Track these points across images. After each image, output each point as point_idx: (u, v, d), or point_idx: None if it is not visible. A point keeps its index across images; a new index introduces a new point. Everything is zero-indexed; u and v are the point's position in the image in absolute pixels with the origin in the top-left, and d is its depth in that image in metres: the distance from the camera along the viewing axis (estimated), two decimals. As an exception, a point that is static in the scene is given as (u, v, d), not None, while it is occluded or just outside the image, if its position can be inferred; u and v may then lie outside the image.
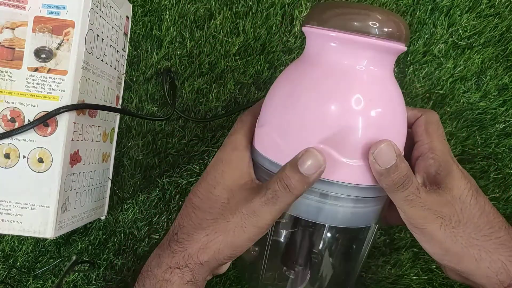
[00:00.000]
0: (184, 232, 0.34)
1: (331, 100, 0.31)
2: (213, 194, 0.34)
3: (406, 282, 0.47)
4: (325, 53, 0.32)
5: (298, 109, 0.32)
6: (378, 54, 0.32)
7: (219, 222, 0.33)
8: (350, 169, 0.31)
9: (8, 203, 0.36)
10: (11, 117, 0.36)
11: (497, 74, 0.50)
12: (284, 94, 0.33)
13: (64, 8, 0.37)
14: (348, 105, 0.31)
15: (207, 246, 0.33)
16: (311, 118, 0.31)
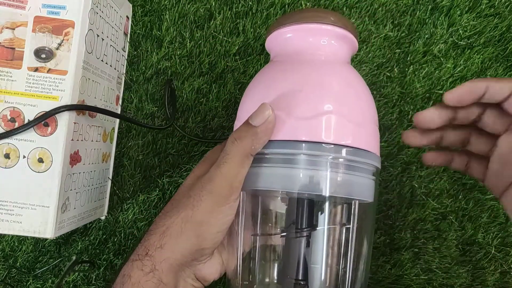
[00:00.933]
0: (153, 225, 0.34)
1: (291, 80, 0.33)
2: (183, 185, 0.35)
3: (406, 282, 0.47)
4: (282, 46, 0.36)
5: (259, 93, 0.34)
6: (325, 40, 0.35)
7: (181, 201, 0.33)
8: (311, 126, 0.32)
9: (8, 203, 0.36)
10: (11, 117, 0.36)
11: (497, 74, 0.50)
12: (250, 92, 0.36)
13: (64, 8, 0.37)
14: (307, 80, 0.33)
15: (169, 227, 0.32)
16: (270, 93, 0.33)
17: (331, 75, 0.34)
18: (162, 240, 0.32)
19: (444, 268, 0.47)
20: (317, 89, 0.33)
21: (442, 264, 0.47)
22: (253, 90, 0.36)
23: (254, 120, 0.31)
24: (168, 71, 0.49)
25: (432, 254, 0.47)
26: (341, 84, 0.34)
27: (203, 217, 0.32)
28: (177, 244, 0.32)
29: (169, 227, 0.32)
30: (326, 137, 0.31)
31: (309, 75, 0.33)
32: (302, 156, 0.31)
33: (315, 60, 0.35)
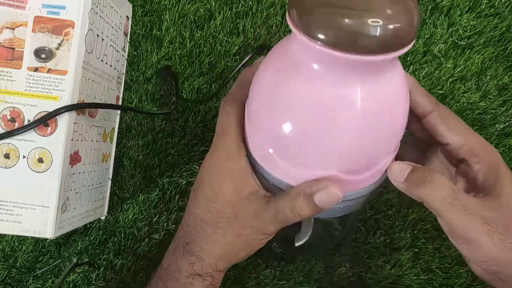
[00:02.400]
0: (196, 244, 0.34)
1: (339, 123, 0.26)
2: (215, 208, 0.33)
3: (406, 282, 0.47)
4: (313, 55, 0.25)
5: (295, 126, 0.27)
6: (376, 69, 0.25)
7: (229, 236, 0.33)
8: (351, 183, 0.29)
9: (8, 203, 0.36)
10: (11, 117, 0.36)
11: (497, 74, 0.50)
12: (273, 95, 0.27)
13: (64, 8, 0.37)
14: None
15: (224, 256, 0.34)
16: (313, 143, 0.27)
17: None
18: (219, 266, 0.34)
19: (444, 268, 0.47)
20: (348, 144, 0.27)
21: (442, 264, 0.47)
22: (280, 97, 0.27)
23: (323, 202, 0.29)
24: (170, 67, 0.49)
25: (432, 254, 0.47)
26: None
27: (255, 247, 0.34)
28: (230, 264, 0.35)
29: (222, 257, 0.34)
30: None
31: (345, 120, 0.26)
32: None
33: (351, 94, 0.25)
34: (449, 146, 0.32)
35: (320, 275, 0.47)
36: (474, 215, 0.29)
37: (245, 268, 0.47)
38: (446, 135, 0.32)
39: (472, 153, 0.31)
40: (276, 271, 0.47)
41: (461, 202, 0.29)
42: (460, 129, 0.32)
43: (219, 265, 0.34)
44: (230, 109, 0.33)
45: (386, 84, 0.26)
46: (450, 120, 0.32)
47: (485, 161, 0.31)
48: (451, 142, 0.32)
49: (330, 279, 0.47)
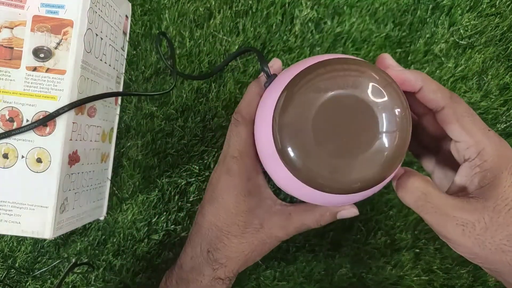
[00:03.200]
0: (221, 253, 0.37)
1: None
2: (242, 221, 0.37)
3: (407, 283, 0.47)
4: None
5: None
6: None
7: (254, 244, 0.37)
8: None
9: (7, 203, 0.36)
10: (10, 117, 0.36)
11: (498, 74, 0.50)
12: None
13: (63, 7, 0.36)
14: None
15: (246, 262, 0.38)
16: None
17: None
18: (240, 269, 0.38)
19: (445, 269, 0.47)
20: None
21: (443, 265, 0.47)
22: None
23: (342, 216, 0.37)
24: (168, 70, 0.49)
25: (433, 255, 0.47)
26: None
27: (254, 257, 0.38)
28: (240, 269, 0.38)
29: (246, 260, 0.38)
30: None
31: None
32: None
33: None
34: (459, 144, 0.32)
35: (320, 276, 0.47)
36: (447, 215, 0.30)
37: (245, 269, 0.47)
38: (457, 133, 0.31)
39: (477, 155, 0.31)
40: (276, 271, 0.47)
41: (432, 204, 0.30)
42: (473, 129, 0.31)
43: (240, 269, 0.38)
44: (242, 129, 0.35)
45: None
46: (465, 118, 0.31)
47: (486, 166, 0.31)
48: (461, 140, 0.32)
49: (331, 280, 0.47)
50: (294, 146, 0.28)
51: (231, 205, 0.36)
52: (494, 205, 0.30)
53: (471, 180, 0.31)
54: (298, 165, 0.29)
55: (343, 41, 0.50)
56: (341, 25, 0.50)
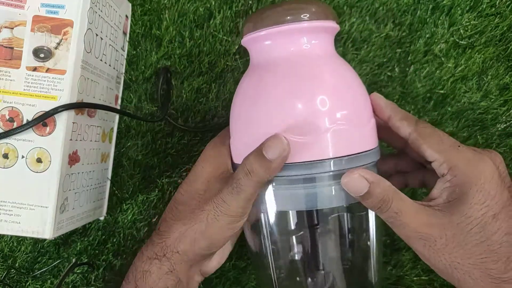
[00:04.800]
0: (165, 225, 0.36)
1: (285, 92, 0.33)
2: (193, 188, 0.37)
3: (407, 283, 0.47)
4: (266, 53, 0.35)
5: (258, 111, 0.33)
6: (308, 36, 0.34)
7: (195, 212, 0.35)
8: (322, 144, 0.32)
9: (7, 203, 0.36)
10: (10, 117, 0.36)
11: (498, 74, 0.50)
12: (242, 103, 0.35)
13: (63, 7, 0.36)
14: (302, 90, 0.32)
15: (184, 235, 0.35)
16: (271, 115, 0.32)
17: (324, 78, 0.33)
18: (178, 246, 0.35)
19: (445, 269, 0.47)
20: (312, 103, 0.32)
21: (443, 265, 0.47)
22: (247, 102, 0.35)
23: (269, 153, 0.31)
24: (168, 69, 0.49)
25: (433, 255, 0.47)
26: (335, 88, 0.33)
27: (216, 233, 0.34)
28: (189, 251, 0.35)
29: (183, 235, 0.35)
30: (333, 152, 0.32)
31: (302, 85, 0.33)
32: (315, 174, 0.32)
33: (304, 64, 0.33)
34: (433, 164, 0.33)
35: (320, 276, 0.47)
36: (413, 231, 0.32)
37: (245, 269, 0.47)
38: (428, 154, 0.33)
39: (448, 170, 0.32)
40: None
41: (401, 222, 0.32)
42: (441, 147, 0.33)
43: (179, 246, 0.35)
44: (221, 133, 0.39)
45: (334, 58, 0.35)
46: (432, 138, 0.33)
47: (456, 181, 0.32)
48: (433, 159, 0.33)
49: (331, 280, 0.47)
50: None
51: (191, 174, 0.37)
52: (458, 221, 0.31)
53: (441, 194, 0.33)
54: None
55: (343, 41, 0.50)
56: (341, 25, 0.50)
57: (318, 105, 0.32)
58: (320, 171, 0.32)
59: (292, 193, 0.33)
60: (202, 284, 0.46)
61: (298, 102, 0.32)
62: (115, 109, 0.44)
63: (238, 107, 0.36)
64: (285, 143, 0.31)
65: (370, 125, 0.34)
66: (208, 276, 0.41)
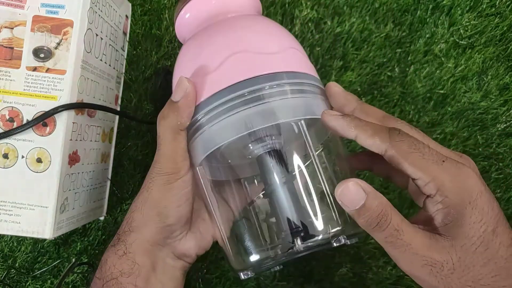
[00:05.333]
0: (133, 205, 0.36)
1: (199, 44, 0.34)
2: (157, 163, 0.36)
3: (407, 283, 0.47)
4: (189, 27, 0.37)
5: (180, 71, 0.35)
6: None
7: (141, 187, 0.35)
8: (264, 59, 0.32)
9: (7, 203, 0.36)
10: (10, 117, 0.36)
11: (498, 74, 0.50)
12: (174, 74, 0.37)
13: (63, 7, 0.37)
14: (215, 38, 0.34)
15: (133, 211, 0.34)
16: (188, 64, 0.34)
17: (237, 22, 0.35)
18: (130, 224, 0.34)
19: (445, 269, 0.47)
20: (226, 35, 0.33)
21: (443, 265, 0.47)
22: (176, 71, 0.36)
23: (175, 95, 0.32)
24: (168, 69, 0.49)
25: (433, 255, 0.47)
26: (248, 24, 0.35)
27: (157, 196, 0.33)
28: (142, 226, 0.34)
29: (133, 211, 0.34)
30: (258, 70, 0.31)
31: (219, 29, 0.34)
32: (241, 97, 0.31)
33: (221, 20, 0.36)
34: (416, 181, 0.30)
35: (320, 276, 0.47)
36: (417, 254, 0.28)
37: (245, 269, 0.47)
38: (410, 172, 0.29)
39: (437, 191, 0.29)
40: (276, 271, 0.47)
41: (403, 242, 0.28)
42: (424, 164, 0.29)
43: (131, 224, 0.34)
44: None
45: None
46: (413, 154, 0.29)
47: (448, 202, 0.29)
48: (417, 178, 0.29)
49: (331, 280, 0.47)
50: None
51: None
52: (461, 244, 0.28)
53: (435, 217, 0.30)
54: None
55: (343, 41, 0.50)
56: (341, 25, 0.50)
57: (229, 38, 0.33)
58: (232, 95, 0.31)
59: (226, 122, 0.31)
60: (202, 284, 0.46)
61: (212, 42, 0.33)
62: (114, 110, 0.44)
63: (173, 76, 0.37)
64: (184, 80, 0.32)
65: (296, 54, 0.34)
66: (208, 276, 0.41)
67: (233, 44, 0.33)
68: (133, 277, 0.33)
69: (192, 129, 0.33)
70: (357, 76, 0.50)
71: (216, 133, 0.31)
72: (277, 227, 0.34)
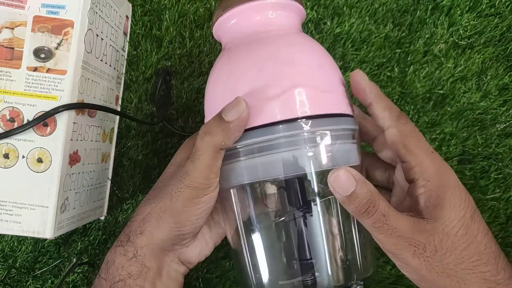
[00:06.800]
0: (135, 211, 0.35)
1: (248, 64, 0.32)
2: (166, 173, 0.37)
3: (407, 283, 0.47)
4: (231, 32, 0.35)
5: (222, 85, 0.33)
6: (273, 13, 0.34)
7: (162, 190, 0.34)
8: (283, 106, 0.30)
9: (7, 203, 0.36)
10: (10, 117, 0.36)
11: (497, 74, 0.50)
12: (212, 86, 0.35)
13: (64, 7, 0.37)
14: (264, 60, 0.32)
15: (150, 214, 0.34)
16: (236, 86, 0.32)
17: (287, 46, 0.33)
18: (142, 227, 0.34)
19: (444, 269, 0.47)
20: (276, 65, 0.32)
21: (443, 265, 0.47)
22: (215, 84, 0.35)
23: (228, 115, 0.30)
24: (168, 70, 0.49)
25: (433, 255, 0.47)
26: (299, 53, 0.33)
27: (181, 208, 0.33)
28: (156, 231, 0.33)
29: (149, 214, 0.34)
30: (300, 111, 0.30)
31: (265, 52, 0.32)
32: (278, 139, 0.30)
33: (269, 36, 0.34)
34: (404, 164, 0.32)
35: (320, 276, 0.47)
36: (402, 237, 0.30)
37: (245, 269, 0.47)
38: (402, 153, 0.32)
39: (421, 175, 0.31)
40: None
41: (389, 226, 0.30)
42: (415, 149, 0.32)
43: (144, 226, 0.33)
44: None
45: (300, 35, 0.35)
46: (409, 138, 0.32)
47: (430, 186, 0.31)
48: (406, 160, 0.32)
49: (330, 280, 0.47)
50: None
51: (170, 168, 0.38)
52: (443, 226, 0.30)
53: (417, 200, 0.32)
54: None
55: (343, 41, 0.50)
56: (341, 25, 0.50)
57: (279, 71, 0.31)
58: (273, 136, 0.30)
59: (260, 161, 0.31)
60: (202, 283, 0.46)
61: (259, 71, 0.31)
62: (114, 111, 0.44)
63: (209, 88, 0.36)
64: (243, 103, 0.30)
65: (340, 92, 0.33)
66: (208, 276, 0.41)
67: (295, 74, 0.31)
68: (141, 279, 0.33)
69: (232, 151, 0.32)
70: (357, 76, 0.50)
71: (256, 167, 0.31)
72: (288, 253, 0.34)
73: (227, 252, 0.47)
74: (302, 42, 0.34)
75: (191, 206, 0.33)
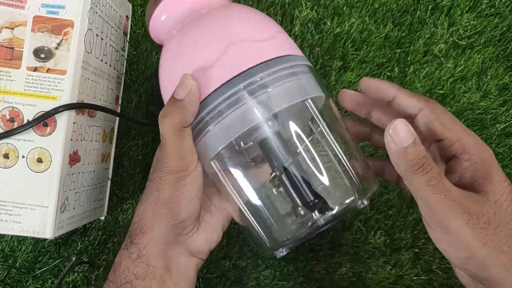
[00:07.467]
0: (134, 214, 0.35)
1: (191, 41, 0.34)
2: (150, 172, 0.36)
3: (407, 283, 0.47)
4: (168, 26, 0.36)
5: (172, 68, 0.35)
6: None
7: (149, 187, 0.34)
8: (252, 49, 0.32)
9: (7, 203, 0.36)
10: (10, 117, 0.36)
11: (497, 74, 0.50)
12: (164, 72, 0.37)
13: (63, 7, 0.37)
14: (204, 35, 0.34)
15: (144, 212, 0.34)
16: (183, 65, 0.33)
17: (217, 14, 0.35)
18: (141, 226, 0.34)
19: (444, 269, 0.47)
20: (209, 33, 0.33)
21: (443, 265, 0.47)
22: (164, 73, 0.36)
23: (179, 93, 0.32)
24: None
25: (433, 255, 0.47)
26: (228, 17, 0.34)
27: (169, 195, 0.33)
28: (154, 226, 0.33)
29: (144, 213, 0.34)
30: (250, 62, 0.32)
31: (198, 29, 0.34)
32: (232, 96, 0.31)
33: (200, 16, 0.35)
34: (442, 142, 0.32)
35: (320, 275, 0.47)
36: (456, 201, 0.28)
37: (245, 269, 0.47)
38: (440, 130, 0.32)
39: (463, 150, 0.31)
40: (276, 271, 0.47)
41: (444, 187, 0.28)
42: (453, 126, 0.32)
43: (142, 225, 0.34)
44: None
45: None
46: (443, 116, 0.32)
47: (475, 159, 0.30)
48: (444, 137, 0.32)
49: (331, 279, 0.47)
50: None
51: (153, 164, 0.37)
52: (494, 199, 0.29)
53: (463, 175, 0.31)
54: None
55: (343, 41, 0.50)
56: (341, 25, 0.50)
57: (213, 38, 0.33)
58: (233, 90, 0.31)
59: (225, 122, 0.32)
60: (202, 284, 0.46)
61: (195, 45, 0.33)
62: (114, 112, 0.44)
63: (162, 79, 0.37)
64: (189, 79, 0.31)
65: (281, 37, 0.34)
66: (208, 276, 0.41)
67: (227, 35, 0.33)
68: (148, 280, 0.33)
69: (198, 126, 0.33)
70: (357, 77, 0.50)
71: (224, 129, 0.32)
72: (292, 203, 0.35)
73: (227, 252, 0.47)
74: (230, 7, 0.36)
75: (178, 191, 0.33)
